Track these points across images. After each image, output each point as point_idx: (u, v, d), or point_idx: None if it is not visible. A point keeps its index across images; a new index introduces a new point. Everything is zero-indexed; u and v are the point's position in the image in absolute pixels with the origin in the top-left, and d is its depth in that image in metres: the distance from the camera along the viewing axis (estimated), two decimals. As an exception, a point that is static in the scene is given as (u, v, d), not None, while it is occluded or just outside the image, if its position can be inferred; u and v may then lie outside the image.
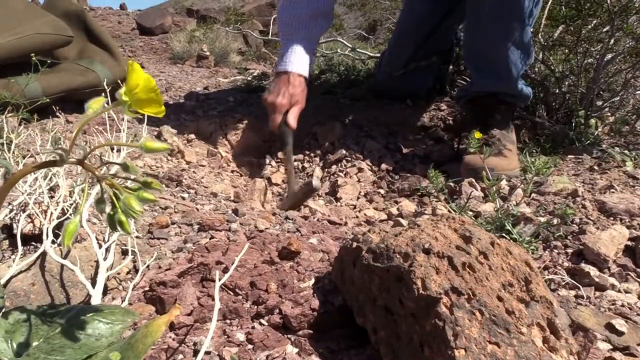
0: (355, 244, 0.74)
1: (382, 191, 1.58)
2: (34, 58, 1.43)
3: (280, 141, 1.55)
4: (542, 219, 1.15)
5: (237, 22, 3.67)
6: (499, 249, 0.68)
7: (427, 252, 0.65)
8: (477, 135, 1.27)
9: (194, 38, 3.62)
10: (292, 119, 1.53)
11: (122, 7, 10.43)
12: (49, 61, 1.86)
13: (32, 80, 1.57)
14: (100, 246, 0.75)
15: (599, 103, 1.96)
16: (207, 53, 3.59)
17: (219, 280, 0.69)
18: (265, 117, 1.83)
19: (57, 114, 1.69)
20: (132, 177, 0.45)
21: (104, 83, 1.81)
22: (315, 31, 1.65)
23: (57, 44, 1.85)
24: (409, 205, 1.40)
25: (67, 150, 0.41)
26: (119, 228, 0.44)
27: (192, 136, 1.73)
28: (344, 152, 1.71)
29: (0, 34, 1.75)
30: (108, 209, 0.45)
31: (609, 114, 2.05)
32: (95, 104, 0.41)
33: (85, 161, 0.43)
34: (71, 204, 0.87)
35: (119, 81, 1.88)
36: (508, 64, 1.51)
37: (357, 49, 2.47)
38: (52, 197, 0.90)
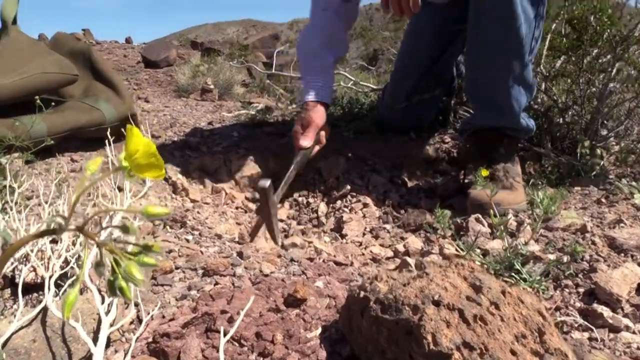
0: (362, 293, 0.72)
1: (388, 226, 1.56)
2: (38, 101, 1.44)
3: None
4: (552, 257, 1.13)
5: (240, 57, 3.70)
6: (511, 298, 0.66)
7: (437, 304, 0.63)
8: (484, 173, 1.26)
9: (198, 72, 3.65)
10: (303, 139, 1.53)
11: (128, 40, 10.62)
12: (53, 103, 1.89)
13: (38, 121, 1.58)
14: (102, 299, 0.74)
15: (604, 132, 1.96)
16: (211, 86, 3.62)
17: (225, 334, 0.68)
18: (269, 152, 1.84)
19: (62, 153, 1.70)
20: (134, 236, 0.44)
21: (109, 121, 1.84)
22: (329, 58, 1.68)
23: (63, 82, 1.86)
24: (415, 242, 1.39)
25: (66, 217, 0.41)
26: (119, 294, 0.43)
27: (197, 173, 1.72)
28: (348, 187, 1.71)
29: (6, 73, 1.77)
30: (107, 272, 0.44)
31: (614, 143, 2.04)
32: (92, 165, 0.40)
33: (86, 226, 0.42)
34: (74, 254, 0.86)
35: (130, 117, 1.90)
36: (510, 99, 1.51)
37: (360, 82, 2.48)
38: (54, 245, 0.90)
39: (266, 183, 1.27)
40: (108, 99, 1.89)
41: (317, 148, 1.58)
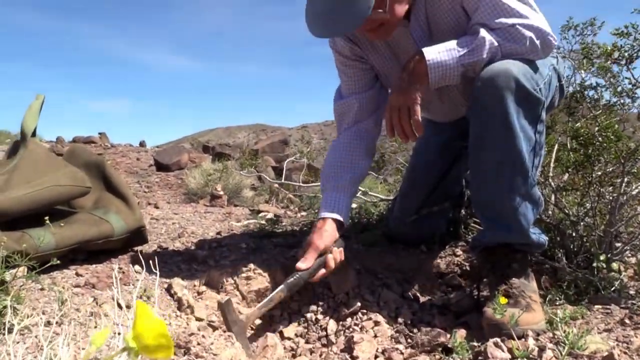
0: None
1: (400, 347, 1.49)
2: (47, 219, 1.44)
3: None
4: (580, 390, 1.05)
5: (250, 165, 3.79)
6: None
7: None
8: (503, 301, 1.22)
9: (209, 180, 3.72)
10: (302, 260, 1.53)
11: (142, 144, 11.02)
12: (65, 211, 1.90)
13: (47, 237, 1.57)
14: None
15: (618, 244, 1.92)
16: (221, 192, 3.67)
17: None
18: (277, 265, 1.81)
19: (67, 266, 1.68)
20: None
21: (117, 233, 1.84)
22: (344, 177, 1.72)
23: (76, 194, 1.89)
24: (431, 366, 1.31)
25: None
26: None
27: (203, 288, 1.69)
28: (359, 304, 1.65)
29: (21, 185, 1.80)
30: None
31: (629, 255, 2.00)
32: (98, 339, 0.38)
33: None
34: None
35: (139, 229, 1.90)
36: (517, 216, 1.50)
37: (369, 192, 2.50)
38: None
39: (224, 299, 1.36)
40: (118, 210, 1.90)
41: (322, 272, 1.57)
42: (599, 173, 1.88)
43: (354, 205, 2.75)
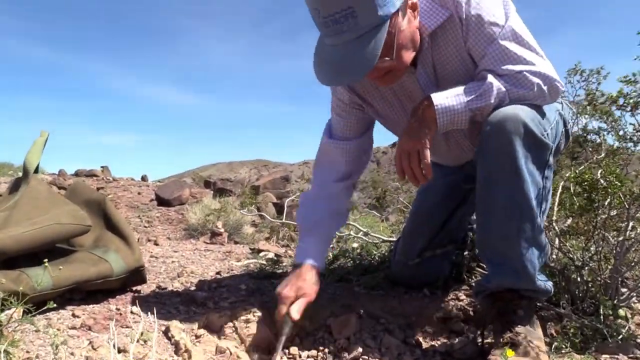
0: None
1: (403, 397, 1.45)
2: (46, 262, 1.42)
3: (278, 331, 1.56)
4: None
5: (251, 205, 3.79)
6: None
7: None
8: (510, 353, 1.19)
9: (209, 218, 3.71)
10: (295, 311, 1.54)
11: (144, 178, 11.03)
12: (64, 249, 1.88)
13: (45, 276, 1.55)
14: None
15: (625, 290, 1.89)
16: (221, 229, 3.65)
17: None
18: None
19: (64, 306, 1.65)
20: None
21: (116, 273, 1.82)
22: (332, 229, 1.77)
23: (76, 233, 1.87)
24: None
25: None
26: None
27: (202, 331, 1.65)
28: (360, 349, 1.61)
29: (21, 222, 1.79)
30: None
31: (636, 301, 1.96)
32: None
33: None
34: None
35: (138, 269, 1.89)
36: (523, 261, 1.48)
37: (371, 233, 2.48)
38: None
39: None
40: (118, 249, 1.88)
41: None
42: (603, 217, 1.87)
43: (354, 245, 2.73)
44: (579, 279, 1.89)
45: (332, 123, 1.81)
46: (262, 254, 2.71)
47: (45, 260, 1.43)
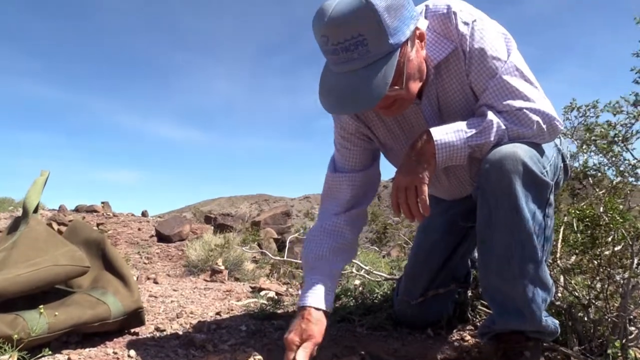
0: None
1: None
2: (42, 309, 1.40)
3: None
4: None
5: (253, 241, 3.76)
6: None
7: None
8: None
9: (210, 256, 3.68)
10: (302, 355, 1.45)
11: (144, 213, 11.00)
12: (62, 290, 1.85)
13: (41, 322, 1.52)
14: None
15: (633, 329, 1.85)
16: (222, 267, 3.61)
17: None
18: (278, 351, 1.73)
19: (59, 350, 1.61)
20: None
21: (114, 316, 1.78)
22: (337, 265, 1.67)
23: (74, 274, 1.84)
24: None
25: None
26: None
27: (200, 376, 1.61)
28: (363, 394, 1.57)
29: (19, 263, 1.77)
30: None
31: (645, 340, 1.92)
32: None
33: None
34: None
35: (136, 311, 1.85)
36: (528, 302, 1.44)
37: (373, 271, 2.45)
38: None
39: None
40: (116, 291, 1.85)
41: None
42: (607, 253, 1.84)
43: (357, 282, 2.69)
44: (585, 317, 1.85)
45: (335, 157, 1.76)
46: (262, 292, 2.66)
47: (41, 306, 1.40)
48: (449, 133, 1.42)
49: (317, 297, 1.55)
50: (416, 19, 1.36)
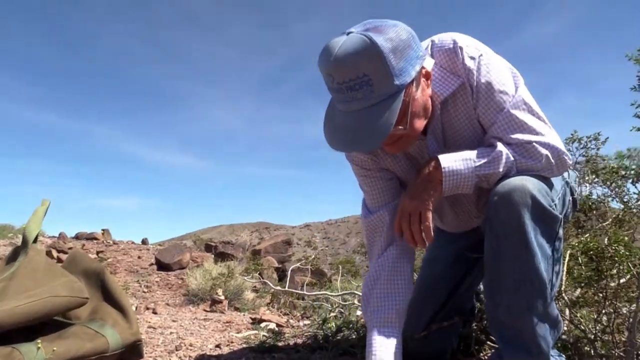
0: None
1: None
2: (39, 343, 1.37)
3: None
4: None
5: (256, 271, 3.73)
6: None
7: None
8: None
9: (216, 283, 3.64)
10: None
11: (144, 241, 10.97)
12: (60, 322, 1.82)
13: (39, 353, 1.49)
14: None
15: (642, 362, 1.81)
16: (222, 297, 3.57)
17: None
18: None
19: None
20: None
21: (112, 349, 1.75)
22: (400, 304, 1.55)
23: (72, 306, 1.82)
24: None
25: None
26: None
27: (199, 412, 1.57)
28: None
29: (18, 294, 1.75)
30: None
31: (654, 375, 1.88)
32: None
33: None
34: None
35: (135, 343, 1.81)
36: (536, 337, 1.41)
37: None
38: None
39: None
40: (115, 323, 1.82)
41: None
42: (612, 284, 1.82)
43: (358, 313, 2.65)
44: (592, 352, 1.82)
45: (365, 200, 1.70)
46: (263, 324, 2.62)
47: (39, 340, 1.38)
48: (458, 161, 1.41)
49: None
50: (422, 58, 1.35)
